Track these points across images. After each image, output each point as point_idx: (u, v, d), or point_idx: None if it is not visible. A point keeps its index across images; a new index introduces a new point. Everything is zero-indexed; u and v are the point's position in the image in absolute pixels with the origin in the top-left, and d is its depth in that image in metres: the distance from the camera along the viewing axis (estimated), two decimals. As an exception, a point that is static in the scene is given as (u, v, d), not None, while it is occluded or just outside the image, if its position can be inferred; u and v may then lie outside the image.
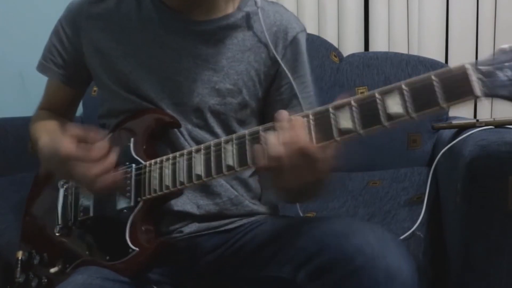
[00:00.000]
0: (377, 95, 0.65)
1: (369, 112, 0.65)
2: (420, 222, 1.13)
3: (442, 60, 1.85)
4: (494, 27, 1.81)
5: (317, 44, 1.80)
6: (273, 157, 0.68)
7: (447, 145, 1.09)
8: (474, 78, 0.59)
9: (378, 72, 1.68)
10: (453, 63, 1.82)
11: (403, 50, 1.87)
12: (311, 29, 1.96)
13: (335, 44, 1.94)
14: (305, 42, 1.00)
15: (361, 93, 1.68)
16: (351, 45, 1.95)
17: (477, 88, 0.59)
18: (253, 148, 0.71)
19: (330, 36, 1.95)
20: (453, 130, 1.19)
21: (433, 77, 0.62)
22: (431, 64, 1.65)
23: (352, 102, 0.67)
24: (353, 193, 1.45)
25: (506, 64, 0.58)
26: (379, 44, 1.92)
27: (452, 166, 1.03)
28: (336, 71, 1.75)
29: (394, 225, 1.18)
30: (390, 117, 0.64)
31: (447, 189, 1.12)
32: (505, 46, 0.60)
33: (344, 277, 0.72)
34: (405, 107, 0.63)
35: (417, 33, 1.88)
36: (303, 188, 0.73)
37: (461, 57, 1.85)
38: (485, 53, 1.81)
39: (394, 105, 0.63)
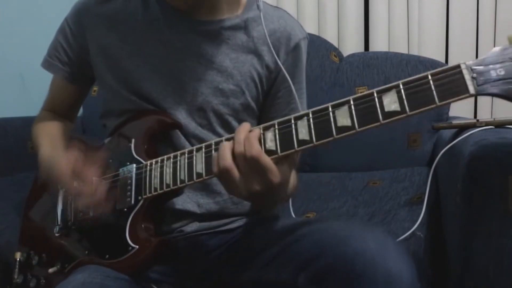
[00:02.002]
0: (375, 93, 0.67)
1: (366, 110, 0.67)
2: (420, 222, 1.13)
3: (442, 60, 1.85)
4: (494, 27, 1.81)
5: (317, 44, 1.80)
6: (221, 167, 0.71)
7: (447, 145, 1.09)
8: (468, 77, 0.62)
9: (378, 72, 1.68)
10: (453, 63, 1.81)
11: (403, 50, 1.87)
12: (311, 29, 1.96)
13: (335, 44, 1.94)
14: (306, 49, 1.01)
15: (361, 93, 1.68)
16: (351, 45, 1.96)
17: (471, 86, 0.62)
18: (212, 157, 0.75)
19: (330, 36, 1.95)
20: (453, 130, 1.19)
21: (429, 76, 0.64)
22: (431, 64, 1.65)
23: (351, 100, 0.68)
24: (353, 193, 1.45)
25: (499, 64, 0.62)
26: (379, 44, 1.92)
27: (452, 166, 1.03)
28: (336, 71, 1.75)
29: (394, 225, 1.18)
30: (387, 114, 0.65)
31: (447, 189, 1.12)
32: (498, 47, 0.63)
33: (344, 282, 0.72)
34: (402, 105, 0.64)
35: (417, 33, 1.88)
36: (255, 197, 0.74)
37: (461, 57, 1.85)
38: (485, 53, 1.82)
39: (391, 103, 0.65)
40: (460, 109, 1.75)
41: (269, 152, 0.72)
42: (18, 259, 1.00)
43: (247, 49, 0.94)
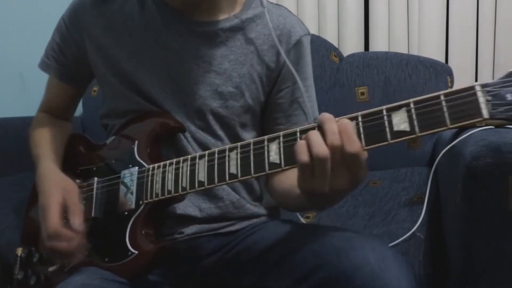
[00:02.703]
0: (384, 111, 0.64)
1: (374, 128, 0.64)
2: (421, 223, 1.13)
3: (442, 60, 1.85)
4: (494, 27, 1.81)
5: (317, 44, 1.80)
6: (319, 157, 0.63)
7: (447, 145, 1.09)
8: (482, 100, 0.59)
9: (378, 72, 1.68)
10: (453, 63, 1.83)
11: (403, 50, 1.87)
12: (311, 29, 1.94)
13: (335, 44, 1.94)
14: (309, 46, 1.00)
15: (361, 93, 1.68)
16: (351, 45, 1.96)
17: (485, 110, 0.58)
18: (296, 144, 0.66)
19: (330, 36, 1.95)
20: (454, 130, 1.18)
21: (441, 97, 0.61)
22: (431, 64, 1.65)
23: (359, 117, 0.66)
24: (353, 193, 1.44)
25: None
26: (379, 44, 1.92)
27: (452, 166, 1.03)
28: (336, 71, 1.75)
29: (394, 225, 1.18)
30: (395, 134, 0.63)
31: (448, 189, 1.11)
32: None
33: None
34: (411, 125, 0.62)
35: (417, 33, 1.88)
36: (328, 195, 0.68)
37: (461, 57, 1.85)
38: (485, 53, 1.82)
39: (401, 123, 0.63)
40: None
41: None
42: (19, 255, 1.00)
43: (246, 50, 0.94)
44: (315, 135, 0.65)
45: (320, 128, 0.66)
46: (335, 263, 0.73)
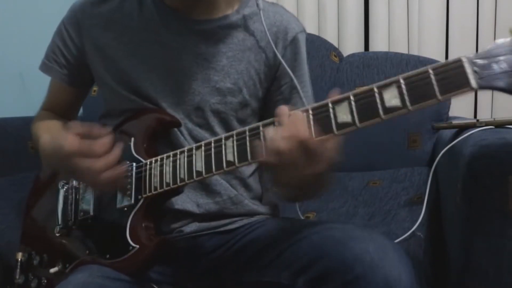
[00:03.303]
0: (375, 88, 0.66)
1: (367, 106, 0.66)
2: (420, 222, 1.13)
3: (442, 60, 1.84)
4: (494, 27, 1.81)
5: (317, 44, 1.80)
6: (272, 151, 0.68)
7: (447, 145, 1.09)
8: (469, 70, 0.61)
9: (378, 72, 1.68)
10: (453, 63, 1.83)
11: (403, 50, 1.87)
12: (311, 29, 1.96)
13: (335, 44, 1.94)
14: (305, 43, 1.00)
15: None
16: (351, 45, 1.96)
17: (473, 80, 0.60)
18: (254, 144, 0.71)
19: (330, 36, 1.95)
20: (453, 130, 1.19)
21: (430, 70, 0.63)
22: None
23: (351, 96, 0.67)
24: (353, 193, 1.45)
25: (501, 57, 0.60)
26: (379, 44, 1.92)
27: (452, 166, 1.03)
28: (336, 71, 1.75)
29: (394, 225, 1.18)
30: (387, 110, 0.65)
31: (447, 189, 1.12)
32: (500, 40, 0.62)
33: (343, 286, 0.72)
34: (403, 100, 0.64)
35: (417, 33, 1.88)
36: (303, 184, 0.72)
37: (461, 57, 1.84)
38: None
39: (392, 98, 0.64)
40: (460, 109, 1.75)
41: None
42: (19, 260, 1.00)
43: (244, 47, 0.94)
44: (270, 131, 0.70)
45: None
46: (335, 254, 0.74)
